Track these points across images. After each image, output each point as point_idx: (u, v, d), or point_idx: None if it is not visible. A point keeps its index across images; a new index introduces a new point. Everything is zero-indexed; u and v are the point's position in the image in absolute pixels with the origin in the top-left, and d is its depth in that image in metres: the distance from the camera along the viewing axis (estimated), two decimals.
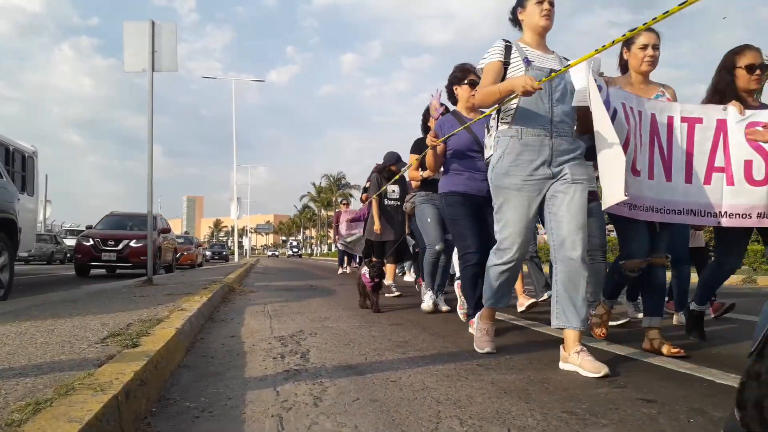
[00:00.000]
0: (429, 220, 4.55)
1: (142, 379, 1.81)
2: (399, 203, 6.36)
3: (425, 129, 4.69)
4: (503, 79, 2.60)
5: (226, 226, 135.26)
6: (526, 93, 2.36)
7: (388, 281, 6.31)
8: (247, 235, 45.95)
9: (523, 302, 4.26)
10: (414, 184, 4.97)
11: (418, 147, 4.55)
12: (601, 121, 2.42)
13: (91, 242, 11.22)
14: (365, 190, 7.80)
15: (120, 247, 11.22)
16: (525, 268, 4.40)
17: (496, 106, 2.67)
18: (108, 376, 1.71)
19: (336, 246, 12.94)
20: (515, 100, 2.56)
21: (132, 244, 11.33)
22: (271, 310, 4.59)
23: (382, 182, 6.27)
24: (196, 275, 9.63)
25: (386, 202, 6.45)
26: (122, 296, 4.77)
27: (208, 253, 31.71)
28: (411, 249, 7.18)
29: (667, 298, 4.10)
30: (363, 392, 2.01)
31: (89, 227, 12.89)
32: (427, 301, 4.58)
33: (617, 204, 2.42)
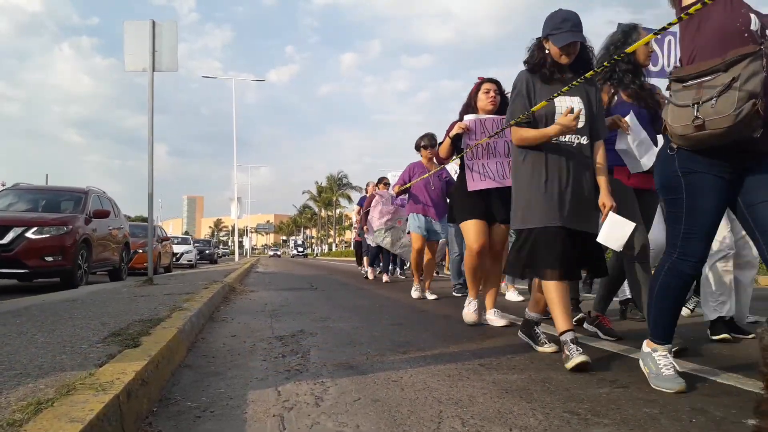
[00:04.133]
0: None
1: (144, 378, 1.81)
2: (588, 140, 2.67)
3: None
4: None
5: (226, 226, 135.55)
6: None
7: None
8: (247, 235, 45.92)
9: None
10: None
11: None
12: None
13: None
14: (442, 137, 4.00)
15: (6, 239, 6.42)
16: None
17: None
18: (109, 376, 1.70)
19: (366, 240, 8.45)
20: None
21: (30, 234, 6.53)
22: (271, 310, 4.59)
23: (537, 93, 2.65)
24: (190, 277, 9.61)
25: (554, 140, 2.59)
26: (122, 296, 4.77)
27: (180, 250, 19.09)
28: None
29: None
30: (364, 392, 2.00)
31: None
32: None
33: None
